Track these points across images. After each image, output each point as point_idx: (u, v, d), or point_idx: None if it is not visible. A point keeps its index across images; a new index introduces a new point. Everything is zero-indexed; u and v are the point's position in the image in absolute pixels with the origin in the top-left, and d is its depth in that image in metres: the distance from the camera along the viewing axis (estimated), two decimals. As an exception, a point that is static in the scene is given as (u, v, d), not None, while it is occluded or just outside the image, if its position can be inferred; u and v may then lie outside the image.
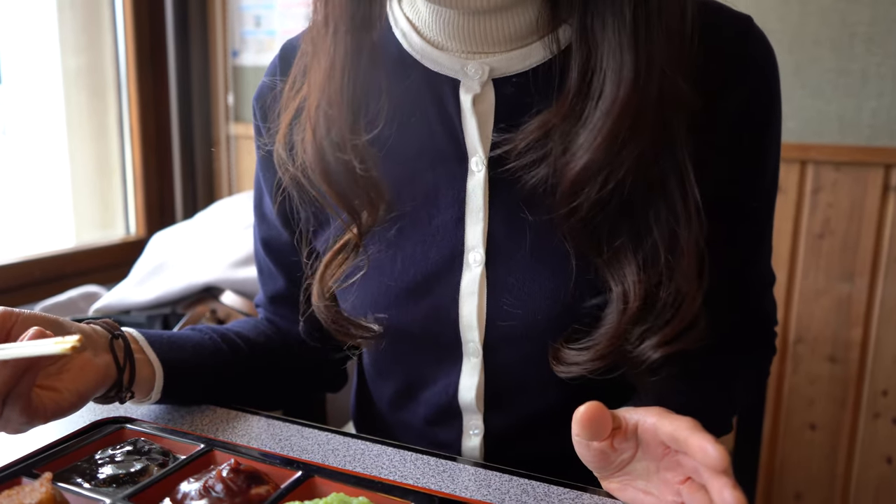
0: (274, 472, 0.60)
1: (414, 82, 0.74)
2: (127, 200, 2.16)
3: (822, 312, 1.72)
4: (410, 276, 0.75)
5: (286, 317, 0.91)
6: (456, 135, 0.73)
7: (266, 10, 2.14)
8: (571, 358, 0.70)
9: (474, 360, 0.76)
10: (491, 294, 0.73)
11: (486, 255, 0.73)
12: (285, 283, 0.89)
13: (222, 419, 0.79)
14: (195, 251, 1.54)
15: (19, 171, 1.93)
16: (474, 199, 0.73)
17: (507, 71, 0.71)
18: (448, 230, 0.74)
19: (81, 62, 2.01)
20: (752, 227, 0.78)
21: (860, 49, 1.59)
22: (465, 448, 0.81)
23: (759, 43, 0.72)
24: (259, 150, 0.85)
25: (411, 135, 0.74)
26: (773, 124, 0.74)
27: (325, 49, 0.70)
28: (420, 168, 0.74)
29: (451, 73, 0.73)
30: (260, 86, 0.85)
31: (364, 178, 0.71)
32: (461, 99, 0.72)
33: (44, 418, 0.63)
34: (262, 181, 0.86)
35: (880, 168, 1.62)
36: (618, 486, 0.62)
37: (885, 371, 1.68)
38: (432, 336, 0.76)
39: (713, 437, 0.51)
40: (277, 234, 0.87)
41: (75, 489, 0.57)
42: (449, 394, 0.79)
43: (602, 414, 0.56)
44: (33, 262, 1.83)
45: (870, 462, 1.73)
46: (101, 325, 0.74)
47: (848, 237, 1.67)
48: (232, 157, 2.27)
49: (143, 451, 0.62)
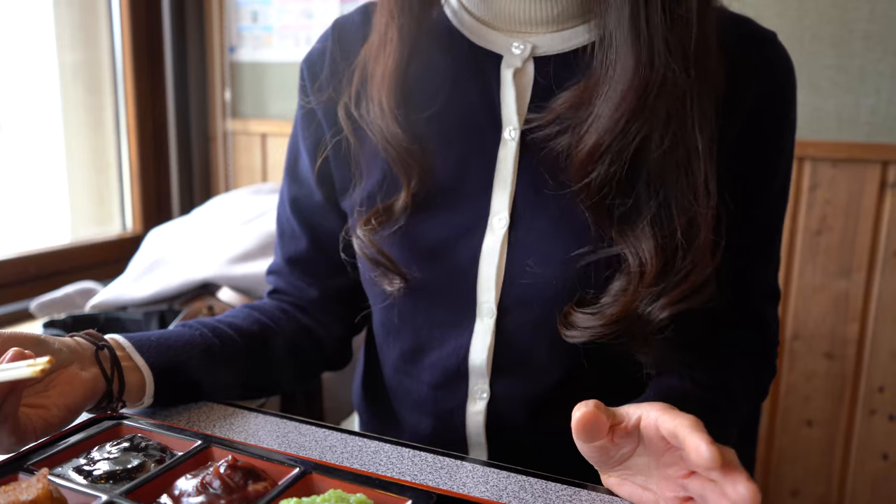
0: (271, 468, 0.59)
1: (459, 55, 0.79)
2: (123, 196, 2.16)
3: (818, 309, 1.72)
4: (433, 237, 0.78)
5: (300, 281, 0.93)
6: (494, 105, 0.77)
7: (263, 5, 2.13)
8: (582, 322, 0.72)
9: (488, 321, 0.78)
10: (511, 256, 0.76)
11: (510, 220, 0.76)
12: (308, 244, 0.91)
13: (219, 415, 0.79)
14: (192, 247, 1.54)
15: (15, 166, 1.93)
16: (504, 167, 0.76)
17: (549, 50, 0.76)
18: (476, 195, 0.78)
19: (78, 58, 2.00)
20: (758, 234, 0.79)
21: (858, 46, 1.59)
22: (470, 414, 0.82)
23: (779, 52, 0.76)
24: (301, 108, 0.88)
25: (452, 104, 0.78)
26: (787, 136, 0.77)
27: (388, 31, 0.76)
28: (454, 136, 0.78)
29: (496, 48, 0.78)
30: (311, 50, 0.89)
31: (420, 149, 0.76)
32: (502, 73, 0.77)
33: (34, 437, 0.63)
34: (301, 138, 0.89)
35: (878, 165, 1.62)
36: (616, 481, 0.62)
37: (881, 367, 1.69)
38: (449, 295, 0.79)
39: (711, 438, 0.51)
40: (310, 192, 0.89)
41: (72, 485, 0.56)
42: (459, 356, 0.80)
43: (596, 418, 0.57)
44: (29, 258, 1.83)
45: (866, 458, 1.74)
46: (84, 338, 0.73)
47: (845, 234, 1.67)
48: (229, 153, 2.26)
49: (140, 447, 0.62)
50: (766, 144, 0.76)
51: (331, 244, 0.88)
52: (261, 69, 2.18)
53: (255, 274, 1.41)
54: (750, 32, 0.75)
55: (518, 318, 0.77)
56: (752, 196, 0.76)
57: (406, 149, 0.76)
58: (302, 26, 2.09)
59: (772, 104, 0.75)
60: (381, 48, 0.77)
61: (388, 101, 0.76)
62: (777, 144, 0.77)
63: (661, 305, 0.69)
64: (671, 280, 0.69)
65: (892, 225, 1.63)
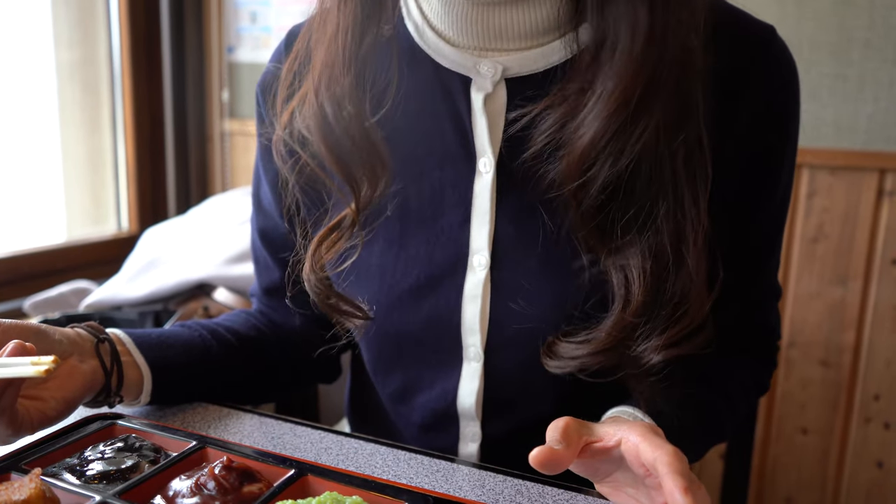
0: (267, 470, 0.59)
1: (424, 77, 0.73)
2: (119, 196, 2.15)
3: (815, 316, 1.72)
4: (413, 277, 0.74)
5: (281, 309, 0.90)
6: (465, 134, 0.72)
7: (262, 6, 2.13)
8: (568, 352, 0.68)
9: (475, 364, 0.75)
10: (495, 298, 0.72)
11: (490, 259, 0.71)
12: (280, 275, 0.88)
13: (214, 416, 0.78)
14: (188, 247, 1.53)
15: (11, 165, 1.92)
16: (481, 201, 0.71)
17: (522, 71, 0.69)
18: (453, 231, 0.73)
19: (75, 56, 1.99)
20: (762, 238, 0.77)
21: (857, 54, 1.59)
22: (462, 455, 0.80)
23: (782, 53, 0.71)
24: (261, 137, 0.83)
25: (419, 131, 0.72)
26: (791, 136, 0.74)
27: (334, 11, 0.69)
28: (427, 165, 0.73)
29: (462, 70, 0.71)
30: (264, 72, 0.84)
31: (366, 140, 0.69)
32: (472, 98, 0.71)
33: (30, 429, 0.62)
34: (262, 171, 0.85)
35: (875, 173, 1.62)
36: (609, 489, 0.61)
37: (877, 375, 1.69)
38: (433, 338, 0.75)
39: (686, 481, 0.49)
40: (274, 225, 0.86)
41: (65, 485, 0.56)
42: (447, 399, 0.77)
43: (551, 456, 0.53)
44: (23, 256, 1.82)
45: (861, 466, 1.74)
46: (85, 329, 0.72)
47: (842, 241, 1.67)
48: (226, 153, 2.26)
49: (134, 447, 0.61)
50: (771, 151, 0.73)
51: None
52: (259, 70, 2.16)
53: (251, 274, 1.40)
54: (747, 32, 0.71)
55: (506, 359, 0.74)
56: (757, 202, 0.73)
57: (353, 137, 0.69)
58: (301, 28, 2.08)
59: (775, 109, 0.71)
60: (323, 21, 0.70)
61: (324, 87, 0.69)
62: (782, 150, 0.73)
63: (654, 346, 0.65)
64: (664, 311, 0.65)
65: (888, 233, 1.63)
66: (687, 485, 0.49)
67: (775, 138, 0.72)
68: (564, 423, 0.55)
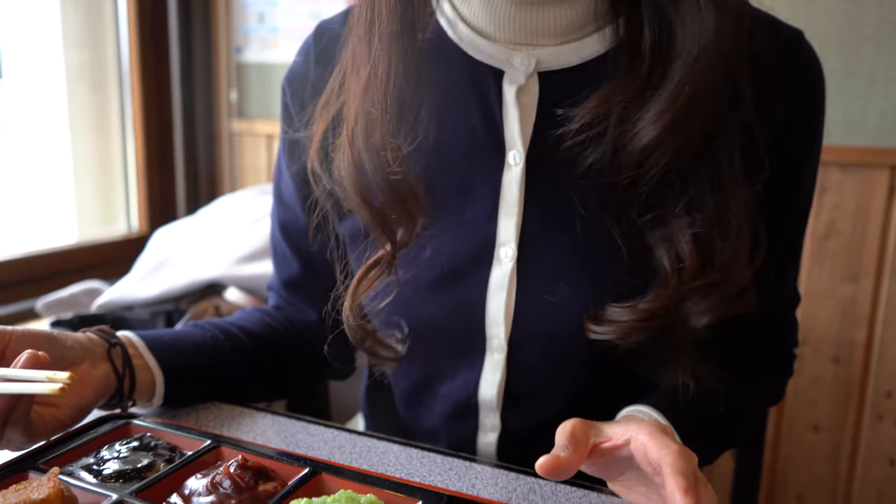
0: (281, 468, 0.59)
1: (455, 70, 0.73)
2: (129, 196, 2.16)
3: (826, 314, 1.71)
4: (439, 268, 0.74)
5: (298, 303, 0.91)
6: (496, 126, 0.72)
7: (269, 6, 2.13)
8: (617, 315, 0.68)
9: (497, 356, 0.75)
10: (520, 290, 0.72)
11: (517, 251, 0.72)
12: (300, 267, 0.89)
13: (227, 415, 0.78)
14: (199, 247, 1.53)
15: (21, 166, 1.93)
16: (509, 194, 0.72)
17: (556, 65, 0.70)
18: (480, 223, 0.73)
19: (84, 57, 2.00)
20: (782, 241, 0.76)
21: (867, 51, 1.58)
22: (481, 445, 0.80)
23: (809, 56, 0.72)
24: (284, 133, 0.84)
25: (449, 123, 0.72)
26: (816, 139, 0.74)
27: (366, 56, 0.68)
28: (456, 158, 0.73)
29: (495, 63, 0.72)
30: (291, 66, 0.84)
31: (402, 186, 0.69)
32: (504, 90, 0.71)
33: (45, 435, 0.63)
34: (284, 164, 0.85)
35: (886, 169, 1.61)
36: (622, 488, 0.61)
37: (889, 372, 1.68)
38: (457, 330, 0.75)
39: (687, 482, 0.49)
40: (295, 217, 0.86)
41: (82, 484, 0.56)
42: (469, 390, 0.78)
43: (556, 464, 0.53)
44: (35, 257, 1.83)
45: (873, 464, 1.73)
46: (96, 334, 0.72)
47: (853, 238, 1.66)
48: (235, 153, 2.26)
49: (149, 446, 0.62)
50: (799, 152, 0.73)
51: (324, 269, 0.83)
52: (267, 70, 2.18)
53: (261, 274, 1.41)
54: (777, 33, 0.71)
55: (530, 352, 0.74)
56: (779, 203, 0.73)
57: (389, 184, 0.69)
58: (308, 28, 2.06)
59: (803, 111, 0.72)
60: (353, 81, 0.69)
61: (361, 134, 0.69)
62: (808, 150, 0.73)
63: (702, 310, 0.66)
64: (712, 277, 0.65)
65: (900, 230, 1.62)
66: (687, 485, 0.49)
67: (803, 140, 0.73)
68: (572, 425, 0.55)
